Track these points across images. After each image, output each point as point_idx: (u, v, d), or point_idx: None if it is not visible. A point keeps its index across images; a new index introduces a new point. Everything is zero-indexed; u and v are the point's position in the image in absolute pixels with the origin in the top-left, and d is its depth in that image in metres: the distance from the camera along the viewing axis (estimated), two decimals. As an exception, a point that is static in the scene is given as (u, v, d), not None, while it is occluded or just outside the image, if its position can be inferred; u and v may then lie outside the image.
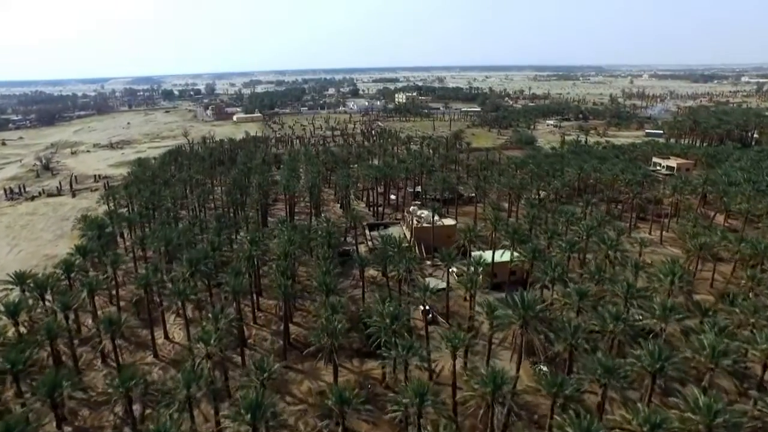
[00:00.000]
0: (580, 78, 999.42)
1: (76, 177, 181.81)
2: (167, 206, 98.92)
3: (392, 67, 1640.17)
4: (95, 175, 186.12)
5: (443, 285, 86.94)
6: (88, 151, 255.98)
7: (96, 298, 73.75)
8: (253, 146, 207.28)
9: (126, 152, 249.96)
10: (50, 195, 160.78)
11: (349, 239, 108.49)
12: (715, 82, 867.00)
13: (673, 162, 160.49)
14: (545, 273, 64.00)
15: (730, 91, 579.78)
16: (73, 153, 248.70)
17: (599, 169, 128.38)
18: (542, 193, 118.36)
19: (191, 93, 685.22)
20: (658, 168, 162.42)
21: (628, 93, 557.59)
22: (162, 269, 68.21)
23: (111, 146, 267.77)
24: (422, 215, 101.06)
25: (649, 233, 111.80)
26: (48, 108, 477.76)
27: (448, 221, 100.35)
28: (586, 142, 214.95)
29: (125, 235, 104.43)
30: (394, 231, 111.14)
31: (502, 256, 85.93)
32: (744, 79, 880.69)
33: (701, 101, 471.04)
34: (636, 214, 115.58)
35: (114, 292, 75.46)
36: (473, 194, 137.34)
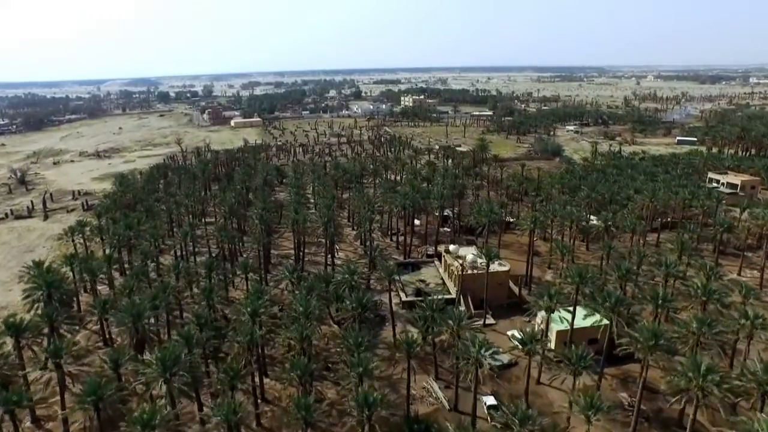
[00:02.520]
0: (584, 79, 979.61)
1: (51, 194, 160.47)
2: (145, 249, 77.84)
3: (392, 68, 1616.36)
4: (74, 192, 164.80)
5: (506, 357, 66.78)
6: (72, 161, 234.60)
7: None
8: (252, 158, 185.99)
9: (114, 162, 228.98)
10: (19, 217, 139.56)
11: (372, 279, 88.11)
12: (723, 83, 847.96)
13: (735, 179, 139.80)
14: (686, 377, 43.22)
15: (745, 93, 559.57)
16: (55, 163, 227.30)
17: (666, 191, 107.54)
18: (598, 223, 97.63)
19: (188, 95, 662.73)
20: (716, 185, 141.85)
21: (640, 95, 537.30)
22: (125, 363, 47.56)
23: (98, 155, 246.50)
24: (467, 257, 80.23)
25: (738, 273, 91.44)
26: (36, 112, 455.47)
27: (501, 266, 79.44)
28: (620, 152, 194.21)
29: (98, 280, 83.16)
30: (428, 273, 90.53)
31: (583, 318, 65.70)
32: (752, 80, 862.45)
33: (719, 103, 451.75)
34: (717, 248, 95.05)
35: (59, 392, 54.19)
36: (511, 219, 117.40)
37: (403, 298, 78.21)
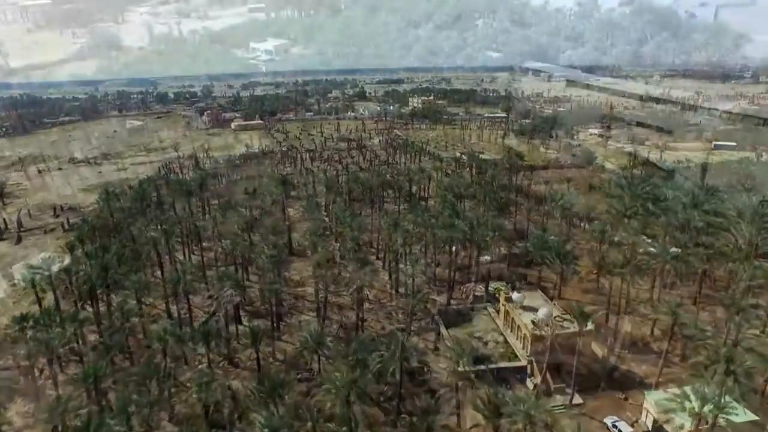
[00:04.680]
0: (590, 79, 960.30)
1: (29, 210, 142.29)
2: (121, 304, 59.56)
3: (392, 68, 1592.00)
4: (55, 207, 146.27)
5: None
6: (60, 169, 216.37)
7: None
8: (256, 170, 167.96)
9: (105, 170, 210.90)
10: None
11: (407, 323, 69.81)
12: (733, 81, 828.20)
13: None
14: None
15: (763, 93, 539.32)
16: (40, 172, 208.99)
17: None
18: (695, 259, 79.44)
19: (187, 96, 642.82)
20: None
21: (653, 95, 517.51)
22: None
23: (88, 161, 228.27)
24: (539, 313, 62.09)
25: None
26: (28, 113, 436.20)
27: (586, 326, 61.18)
28: (661, 160, 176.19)
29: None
30: (481, 325, 72.37)
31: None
32: (763, 78, 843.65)
33: (739, 103, 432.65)
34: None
35: None
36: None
37: (459, 369, 59.91)
